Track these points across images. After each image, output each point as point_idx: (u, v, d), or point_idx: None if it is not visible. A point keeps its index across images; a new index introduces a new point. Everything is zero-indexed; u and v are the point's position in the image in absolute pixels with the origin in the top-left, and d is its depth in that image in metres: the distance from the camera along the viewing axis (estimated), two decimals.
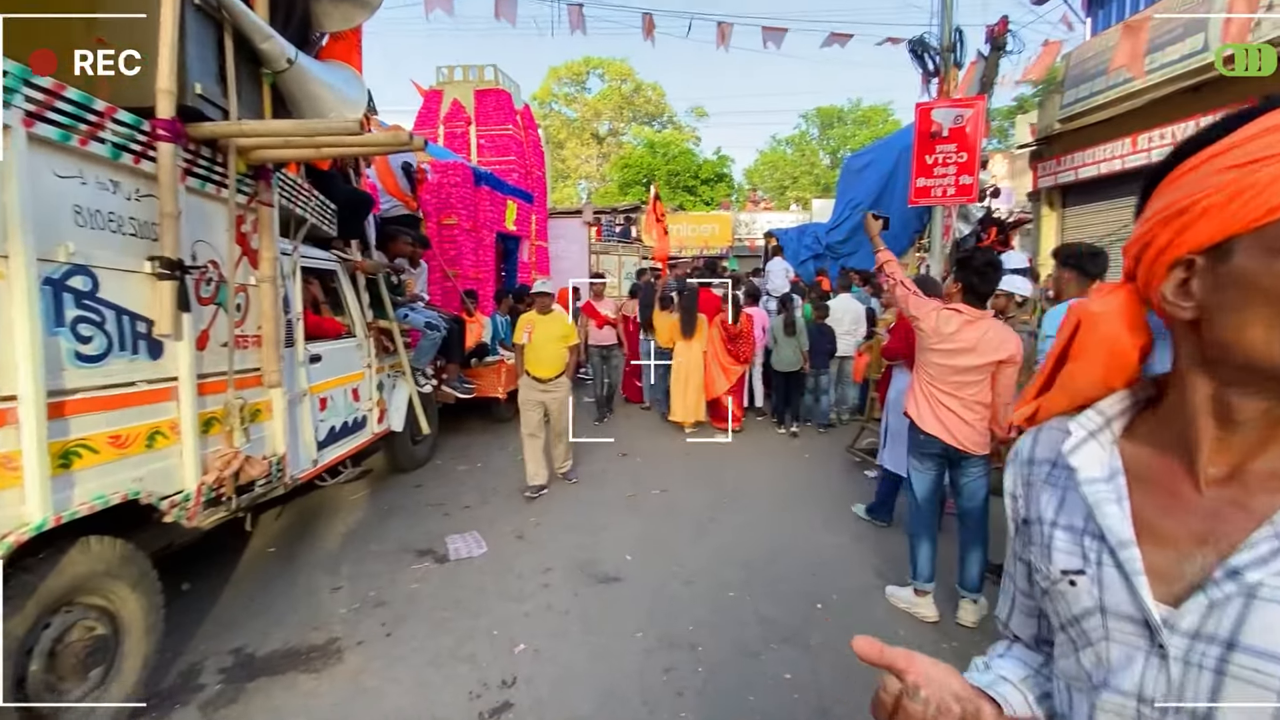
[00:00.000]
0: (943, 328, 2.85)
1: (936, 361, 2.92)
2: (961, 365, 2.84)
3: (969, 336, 2.80)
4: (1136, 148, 6.98)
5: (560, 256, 11.00)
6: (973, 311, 2.84)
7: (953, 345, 2.84)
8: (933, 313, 2.89)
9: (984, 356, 2.80)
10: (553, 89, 44.27)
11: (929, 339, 2.91)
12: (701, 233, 21.47)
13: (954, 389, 2.90)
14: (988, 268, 2.85)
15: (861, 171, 13.33)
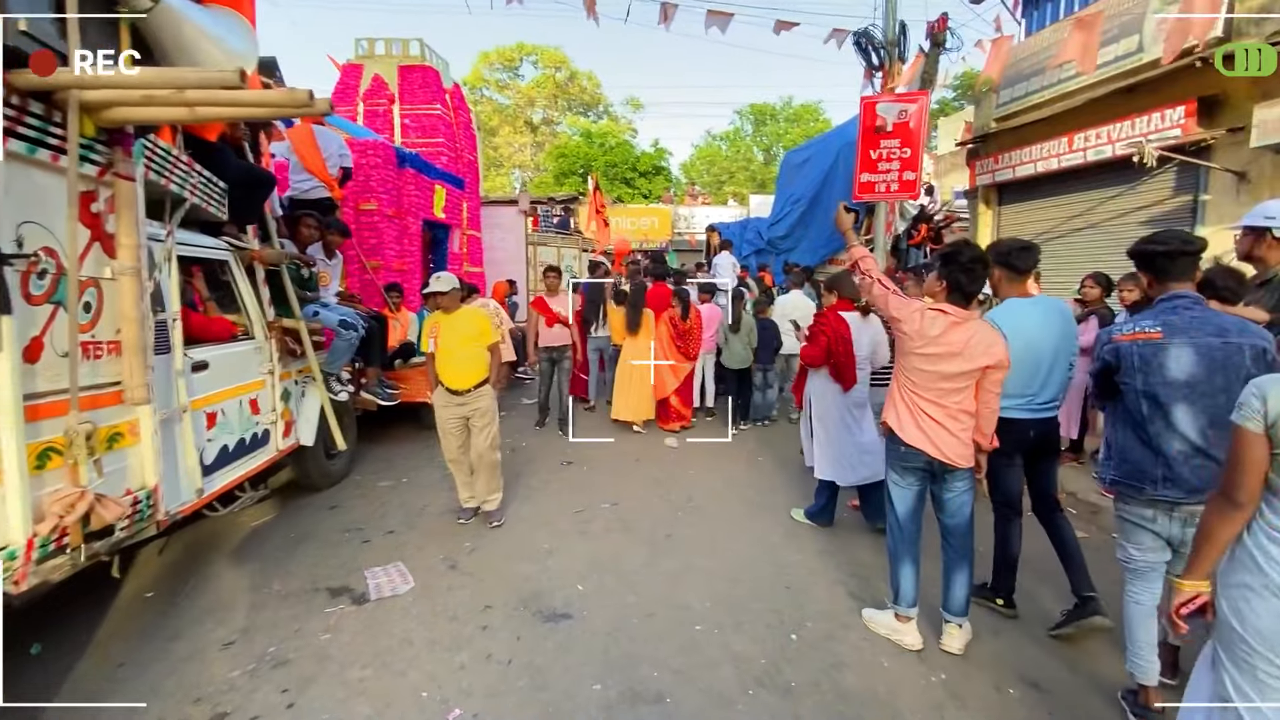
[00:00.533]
0: (928, 330, 2.56)
1: (920, 367, 2.62)
2: (947, 371, 2.57)
3: (956, 340, 2.54)
4: (1073, 147, 7.12)
5: (495, 247, 10.37)
6: (959, 312, 2.54)
7: (938, 349, 2.56)
8: (917, 314, 2.61)
9: (971, 361, 2.54)
10: (484, 74, 42.82)
11: (912, 343, 2.62)
12: (640, 226, 21.15)
13: (938, 397, 2.62)
14: (976, 264, 2.53)
15: (801, 167, 13.32)
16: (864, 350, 4.00)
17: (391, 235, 6.56)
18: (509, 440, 6.23)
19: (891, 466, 2.85)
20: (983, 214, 9.03)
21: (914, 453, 2.70)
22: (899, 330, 2.68)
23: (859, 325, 3.99)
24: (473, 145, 9.72)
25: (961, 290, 2.57)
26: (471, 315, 4.06)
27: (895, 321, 2.68)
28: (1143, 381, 2.25)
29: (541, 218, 13.56)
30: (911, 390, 2.70)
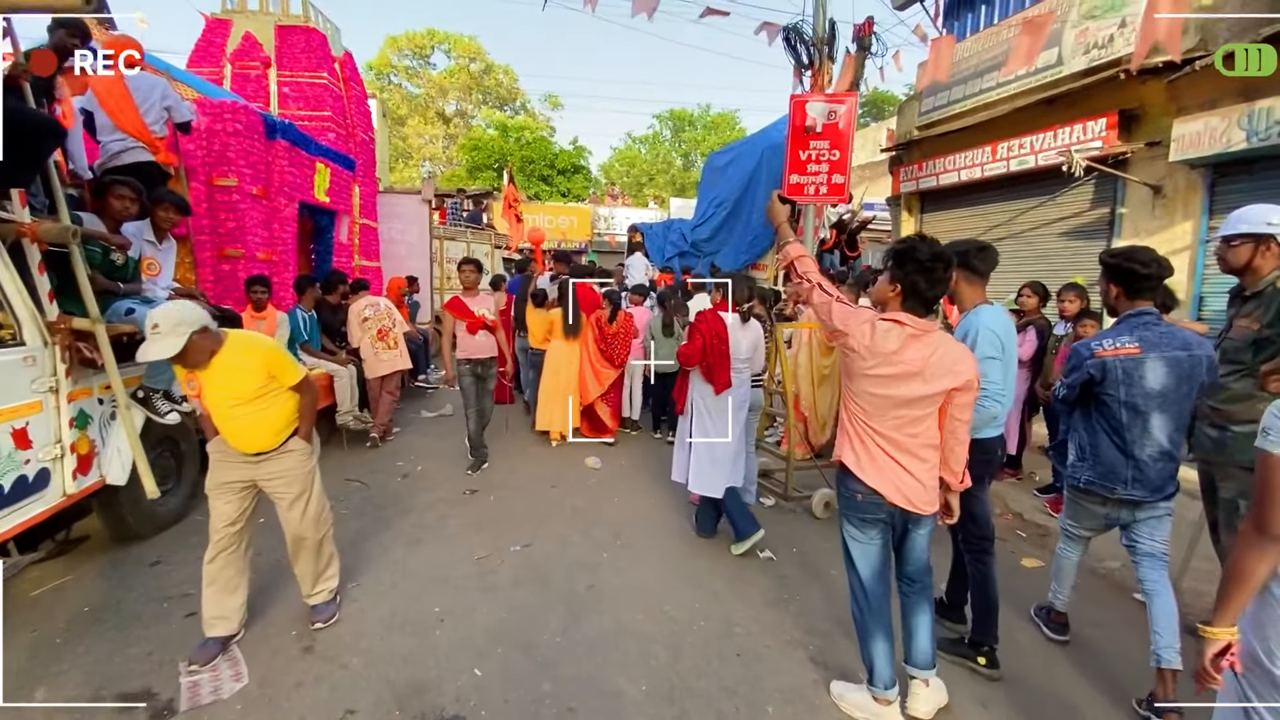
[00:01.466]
0: (881, 345, 2.07)
1: (872, 391, 2.13)
2: (905, 395, 2.09)
3: (914, 357, 2.06)
4: (996, 156, 7.10)
5: (394, 239, 9.27)
6: (918, 323, 2.09)
7: (893, 369, 2.08)
8: (866, 326, 2.11)
9: (934, 383, 2.07)
10: (391, 59, 40.48)
11: (862, 362, 2.11)
12: (559, 224, 20.29)
13: (895, 428, 2.14)
14: (936, 263, 2.07)
15: (725, 169, 13.03)
16: (743, 352, 3.84)
17: (257, 218, 5.46)
18: (400, 464, 5.31)
19: (847, 518, 2.32)
20: (905, 221, 8.99)
21: (874, 499, 2.19)
22: (844, 346, 2.17)
23: (737, 327, 3.84)
24: (367, 123, 8.61)
25: (919, 296, 2.10)
26: (241, 359, 2.52)
27: (839, 336, 2.16)
28: (1125, 393, 2.47)
29: (450, 211, 12.47)
30: (864, 421, 2.19)
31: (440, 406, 7.27)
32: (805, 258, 2.32)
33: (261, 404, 2.58)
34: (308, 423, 2.78)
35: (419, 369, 7.81)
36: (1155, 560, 2.54)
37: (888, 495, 2.16)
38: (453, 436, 6.20)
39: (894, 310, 2.13)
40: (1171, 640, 2.39)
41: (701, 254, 12.07)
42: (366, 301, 5.89)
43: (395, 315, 6.05)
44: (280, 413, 2.66)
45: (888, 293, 2.16)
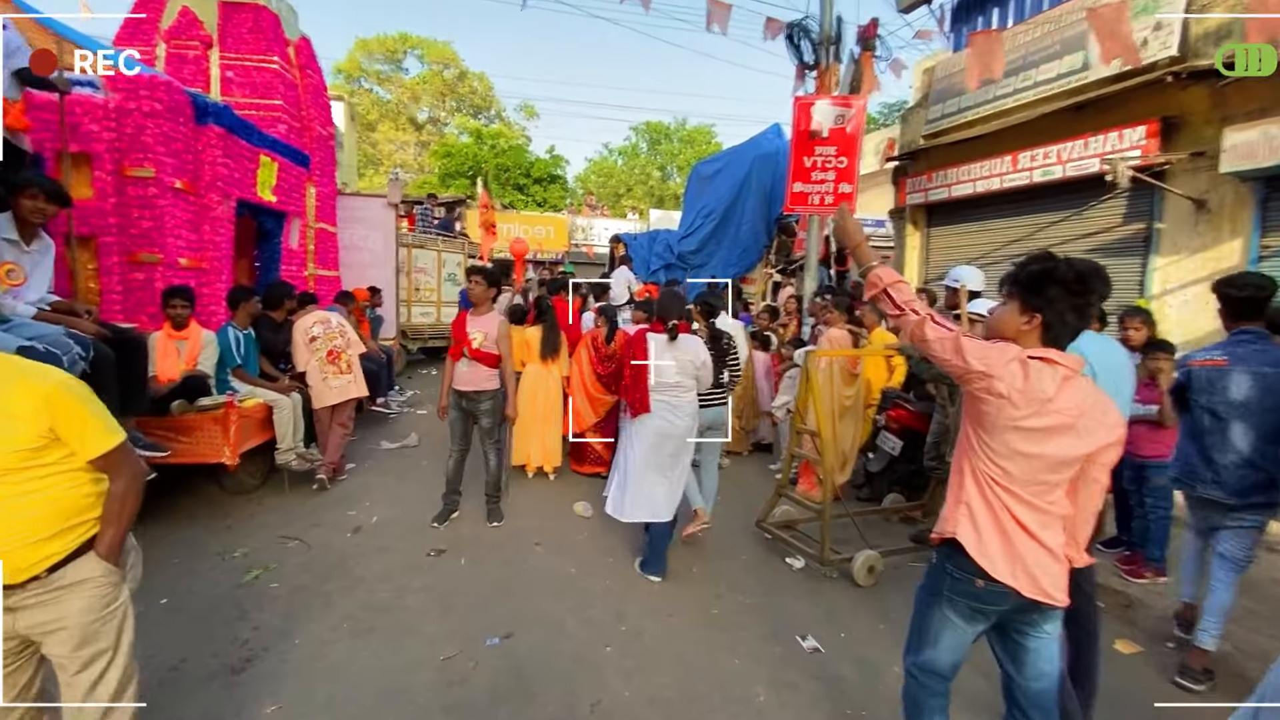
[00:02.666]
0: (1037, 389, 1.57)
1: (1022, 450, 1.61)
2: (1059, 455, 1.61)
3: (1069, 404, 1.59)
4: (1018, 166, 6.58)
5: (357, 246, 8.38)
6: (1072, 360, 1.61)
7: (1048, 420, 1.58)
8: (1016, 365, 1.58)
9: (1087, 438, 1.60)
10: (362, 64, 39.38)
11: (1013, 410, 1.59)
12: (535, 234, 19.49)
13: (1037, 495, 1.64)
14: (1092, 283, 1.62)
15: (712, 179, 12.44)
16: (669, 375, 3.55)
17: (180, 218, 4.56)
18: (352, 513, 4.44)
19: (953, 603, 1.76)
20: (910, 236, 8.45)
21: (1000, 592, 1.66)
22: (985, 391, 1.62)
23: (661, 347, 3.56)
24: (326, 116, 7.74)
25: (1065, 326, 1.65)
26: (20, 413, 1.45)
27: (978, 379, 1.62)
28: (1206, 400, 2.76)
29: (419, 218, 11.58)
30: (1003, 486, 1.65)
31: (403, 436, 6.38)
32: (901, 284, 1.78)
33: (19, 485, 1.47)
34: (118, 528, 1.63)
35: (379, 391, 6.91)
36: (1227, 563, 2.76)
37: (1022, 588, 1.63)
38: (416, 474, 5.34)
39: (1030, 347, 1.63)
40: (1211, 629, 2.75)
41: (689, 266, 11.42)
42: (315, 318, 5.01)
43: (349, 334, 5.18)
44: (55, 507, 1.52)
45: (1019, 325, 1.65)
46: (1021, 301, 1.65)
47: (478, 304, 4.32)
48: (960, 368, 1.65)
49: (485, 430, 4.33)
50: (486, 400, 4.26)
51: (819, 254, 11.16)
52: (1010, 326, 1.68)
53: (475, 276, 4.34)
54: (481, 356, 4.19)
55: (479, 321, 4.28)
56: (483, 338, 4.21)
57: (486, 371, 4.23)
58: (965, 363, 1.63)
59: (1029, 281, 1.64)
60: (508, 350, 4.30)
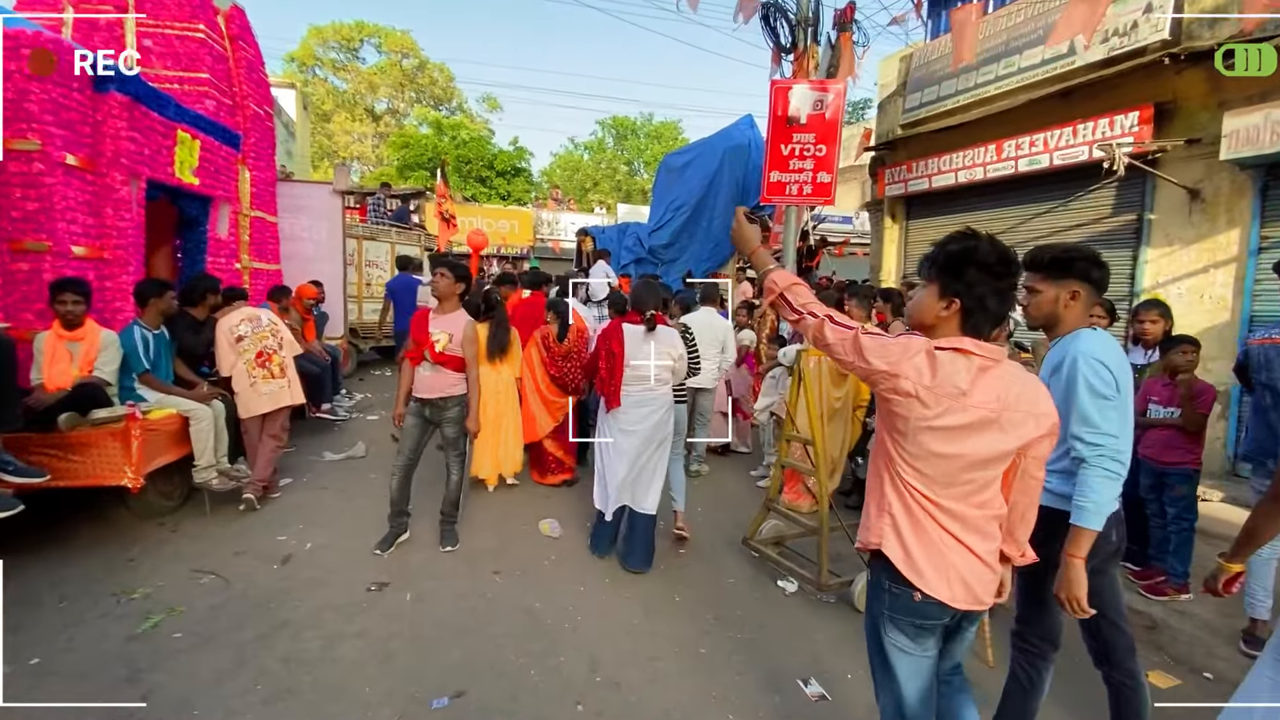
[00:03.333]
0: (947, 383, 1.43)
1: (938, 451, 1.46)
2: (981, 452, 1.46)
3: (987, 397, 1.45)
4: (1002, 155, 6.34)
5: (299, 237, 7.69)
6: (988, 350, 1.47)
7: (964, 417, 1.43)
8: (922, 358, 1.44)
9: (1013, 432, 1.47)
10: (316, 52, 37.86)
11: (922, 410, 1.44)
12: (498, 229, 18.82)
13: (962, 499, 1.50)
14: (1007, 268, 1.49)
15: (682, 170, 12.00)
16: (643, 368, 3.49)
17: (75, 199, 3.91)
18: (283, 538, 3.87)
19: (895, 623, 1.60)
20: (888, 229, 8.19)
21: (934, 606, 1.53)
22: (891, 391, 1.48)
23: (637, 339, 3.50)
24: (264, 94, 7.04)
25: (985, 314, 1.50)
26: None
27: (882, 378, 1.48)
28: (1265, 376, 2.89)
29: (371, 208, 10.87)
30: (921, 493, 1.51)
31: (349, 445, 5.78)
32: (798, 286, 1.67)
33: None
34: None
35: (323, 395, 6.29)
36: None
37: (952, 600, 1.51)
38: (362, 490, 4.77)
39: (948, 336, 1.49)
40: (1257, 597, 2.84)
41: (660, 260, 10.98)
42: (242, 315, 4.40)
43: (282, 333, 4.59)
44: None
45: (937, 311, 1.52)
46: (940, 285, 1.50)
47: (443, 300, 3.78)
48: (863, 369, 1.50)
49: (450, 440, 3.82)
50: (454, 407, 3.77)
51: None
52: (929, 313, 1.53)
53: (441, 270, 3.78)
54: (446, 360, 3.69)
55: (444, 321, 3.75)
56: (447, 339, 3.69)
57: (453, 376, 3.75)
58: (867, 362, 1.48)
59: (947, 263, 1.49)
60: (474, 354, 3.81)
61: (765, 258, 1.77)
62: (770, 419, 5.16)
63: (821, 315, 1.59)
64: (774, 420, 5.17)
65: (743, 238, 1.86)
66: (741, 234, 1.86)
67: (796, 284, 1.67)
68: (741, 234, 1.86)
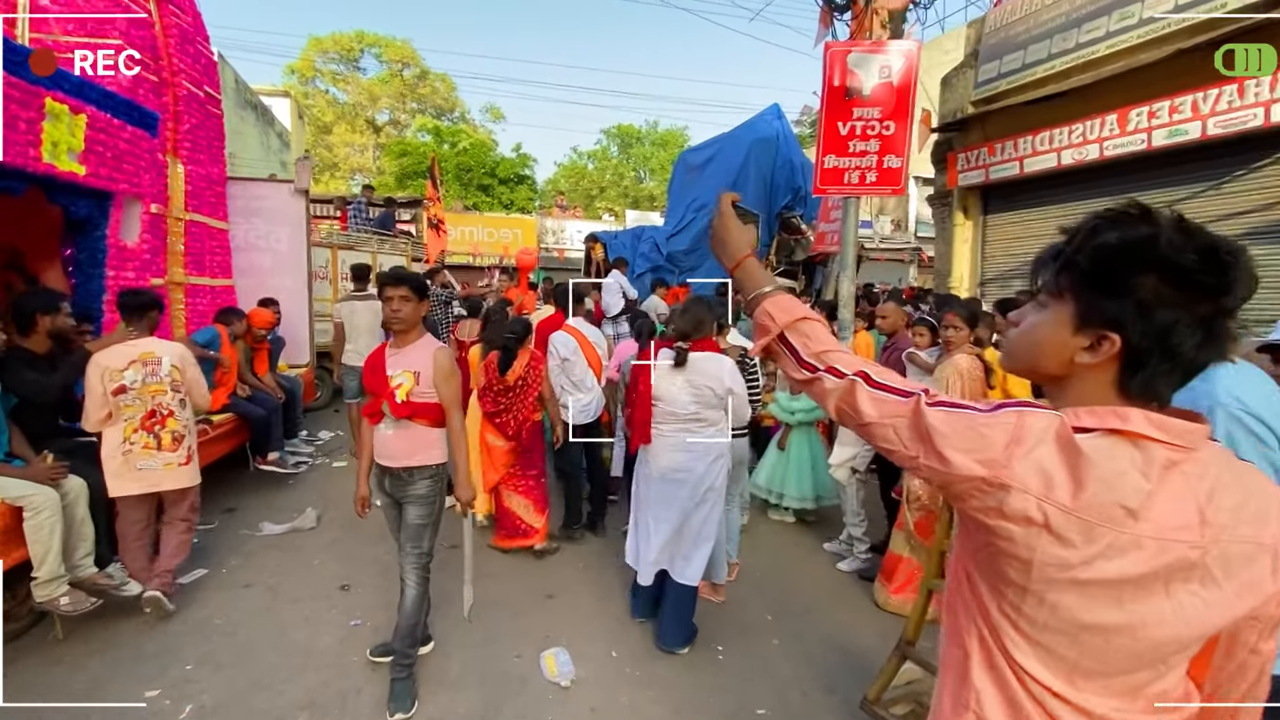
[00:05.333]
0: (1108, 497, 0.70)
1: (1085, 621, 0.74)
2: (1170, 625, 0.74)
3: (1182, 518, 0.71)
4: (1128, 127, 4.99)
5: (255, 246, 6.43)
6: (1170, 427, 0.72)
7: (1139, 561, 0.71)
8: (1051, 451, 0.73)
9: (1238, 580, 0.74)
10: (316, 63, 37.25)
11: (1060, 551, 0.72)
12: (501, 238, 17.61)
13: (1124, 693, 0.77)
14: (1213, 272, 0.71)
15: (703, 168, 10.69)
16: (678, 403, 2.85)
17: None
18: (152, 697, 2.54)
19: None
20: (959, 226, 6.84)
21: None
22: (989, 512, 0.75)
23: (665, 372, 2.89)
24: (205, 74, 5.81)
25: (1179, 361, 0.76)
26: None
27: (977, 487, 0.75)
28: None
29: (352, 215, 9.63)
30: (1040, 687, 0.78)
31: (297, 511, 4.46)
32: (808, 322, 0.99)
33: None
34: None
35: (269, 443, 4.99)
36: None
37: None
38: (305, 584, 3.47)
39: (1097, 402, 0.79)
40: None
41: (679, 268, 9.67)
42: (131, 353, 3.08)
43: (195, 384, 3.30)
44: None
45: (1073, 353, 0.81)
46: (1080, 306, 0.80)
47: (402, 331, 2.55)
48: (937, 470, 0.80)
49: (411, 531, 2.58)
50: (422, 480, 2.57)
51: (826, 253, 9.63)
52: (1055, 356, 0.83)
53: (393, 288, 2.50)
54: (414, 411, 2.50)
55: (405, 357, 2.54)
56: (412, 382, 2.49)
57: (424, 434, 2.57)
58: (942, 458, 0.79)
59: (1097, 264, 0.78)
60: (456, 392, 2.57)
61: (757, 273, 1.09)
62: (853, 479, 3.80)
63: (851, 373, 0.91)
64: (858, 481, 3.82)
65: (726, 239, 1.12)
66: (725, 234, 1.12)
67: (806, 319, 0.99)
68: (725, 234, 1.12)
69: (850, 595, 3.60)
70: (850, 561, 3.88)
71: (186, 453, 3.24)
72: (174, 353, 3.27)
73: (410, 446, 2.55)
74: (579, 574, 3.74)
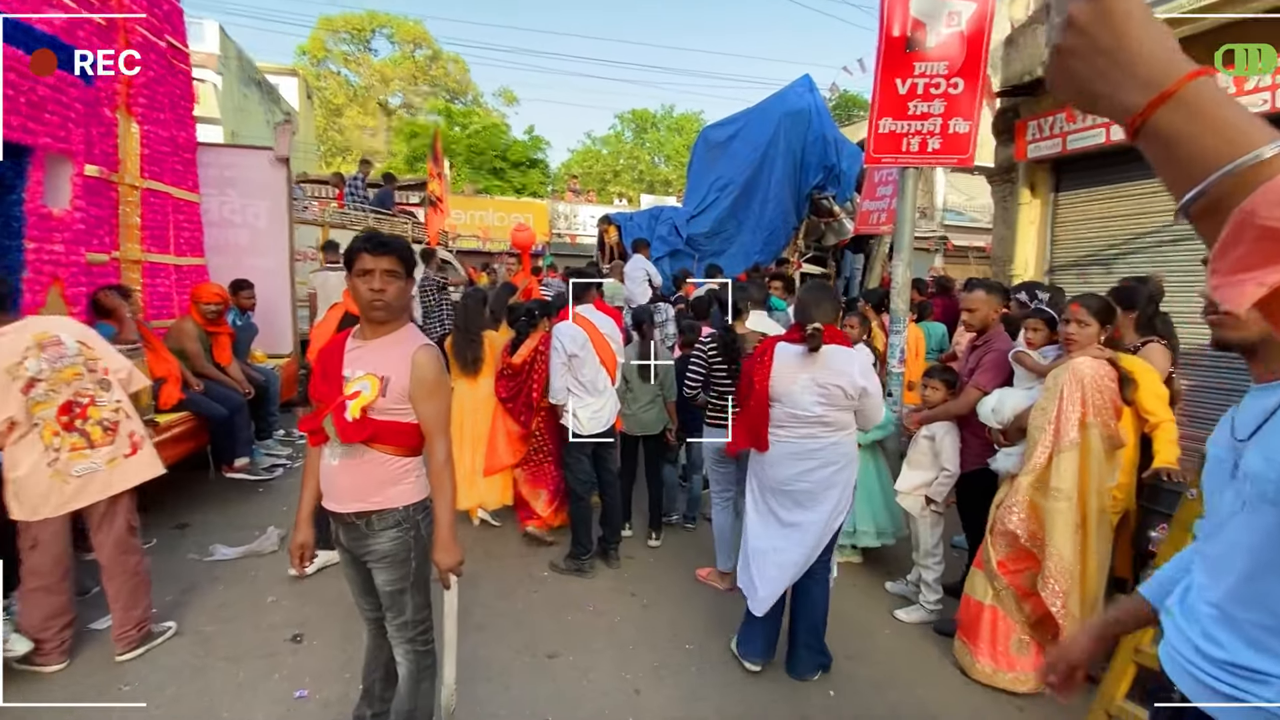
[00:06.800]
0: None
1: None
2: None
3: None
4: (1260, 82, 4.13)
5: (229, 221, 5.76)
6: None
7: None
8: None
9: None
10: (327, 44, 36.66)
11: None
12: (512, 223, 16.93)
13: None
14: None
15: (727, 144, 9.83)
16: (801, 403, 2.46)
17: None
18: None
19: None
20: (1025, 205, 5.99)
21: None
22: None
23: (794, 362, 2.49)
24: (174, 25, 5.12)
25: None
26: None
27: None
28: None
29: (349, 192, 8.93)
30: None
31: (259, 529, 3.79)
32: None
33: None
34: None
35: (235, 447, 4.32)
36: None
37: None
38: (256, 627, 2.79)
39: None
40: None
41: (700, 252, 8.88)
42: (28, 337, 2.40)
43: (122, 371, 2.64)
44: None
45: None
46: None
47: (378, 321, 1.82)
48: None
49: (385, 599, 1.89)
50: (384, 531, 1.84)
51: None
52: None
53: (374, 256, 1.76)
54: (373, 433, 1.77)
55: (371, 353, 1.82)
56: (374, 391, 1.75)
57: (386, 466, 1.83)
58: None
59: None
60: (441, 414, 1.85)
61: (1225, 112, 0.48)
62: (927, 510, 3.05)
63: None
64: (932, 513, 3.07)
65: (1120, 50, 0.51)
66: (1120, 41, 0.51)
67: None
68: (1120, 41, 0.51)
69: (923, 654, 2.86)
70: (914, 611, 3.14)
71: (130, 440, 2.60)
72: (72, 328, 2.60)
73: (364, 483, 1.80)
74: (588, 620, 3.04)
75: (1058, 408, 2.44)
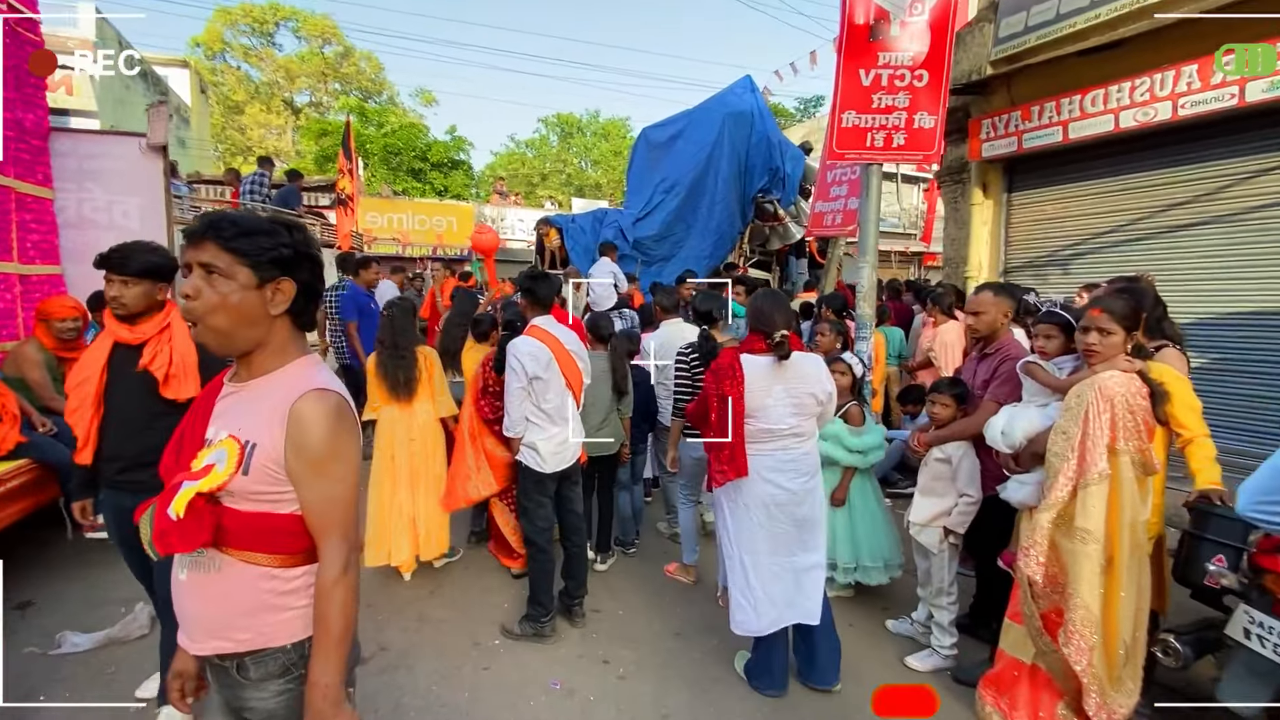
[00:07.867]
0: None
1: None
2: None
3: None
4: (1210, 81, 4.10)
5: (94, 222, 4.79)
6: None
7: None
8: None
9: None
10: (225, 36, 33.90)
11: None
12: (434, 226, 15.93)
13: None
14: None
15: (669, 145, 9.46)
16: (774, 416, 2.35)
17: None
18: None
19: None
20: (977, 205, 5.92)
21: None
22: None
23: (765, 374, 2.36)
24: None
25: None
26: None
27: None
28: None
29: (246, 190, 7.90)
30: None
31: (127, 604, 2.99)
32: None
33: None
34: None
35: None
36: None
37: None
38: None
39: None
40: None
41: (649, 257, 8.44)
42: None
43: None
44: None
45: None
46: None
47: (220, 349, 1.16)
48: None
49: None
50: (265, 685, 1.18)
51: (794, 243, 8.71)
52: None
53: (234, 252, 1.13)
54: (225, 533, 1.14)
55: (240, 405, 1.20)
56: (232, 463, 1.11)
57: (255, 583, 1.17)
58: None
59: None
60: (341, 494, 1.18)
61: None
62: (945, 543, 2.70)
63: None
64: (950, 546, 2.72)
65: None
66: None
67: None
68: None
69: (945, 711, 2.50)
70: (927, 657, 2.79)
71: None
72: None
73: (224, 610, 1.17)
74: (554, 705, 2.49)
75: (1082, 431, 2.12)
